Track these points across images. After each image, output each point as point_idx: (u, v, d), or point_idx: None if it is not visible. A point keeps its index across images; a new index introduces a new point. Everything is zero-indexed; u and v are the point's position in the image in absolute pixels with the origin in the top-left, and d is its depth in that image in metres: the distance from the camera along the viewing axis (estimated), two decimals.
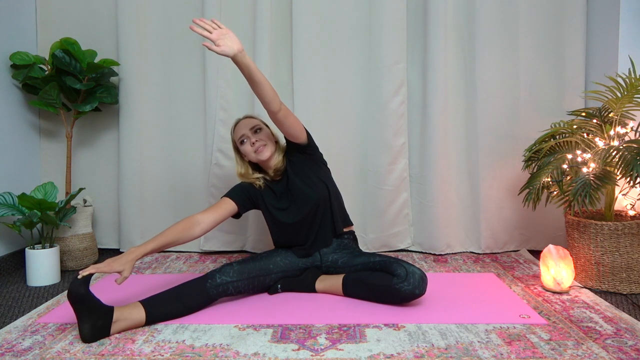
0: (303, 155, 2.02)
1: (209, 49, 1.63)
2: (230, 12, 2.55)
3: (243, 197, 2.02)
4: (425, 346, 1.46)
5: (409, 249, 2.67)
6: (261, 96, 1.77)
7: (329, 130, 2.56)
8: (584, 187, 1.87)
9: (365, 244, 2.61)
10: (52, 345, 1.51)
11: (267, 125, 2.06)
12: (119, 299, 1.83)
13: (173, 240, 1.78)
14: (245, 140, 2.00)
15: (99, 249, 2.69)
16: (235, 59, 1.68)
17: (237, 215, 2.03)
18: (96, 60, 2.52)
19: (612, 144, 2.02)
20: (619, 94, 1.99)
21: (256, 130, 2.01)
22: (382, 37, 2.50)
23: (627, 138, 2.06)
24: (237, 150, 2.07)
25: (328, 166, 2.13)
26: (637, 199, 2.12)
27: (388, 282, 1.75)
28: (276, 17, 2.55)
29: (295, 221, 1.98)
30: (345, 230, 2.08)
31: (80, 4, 2.65)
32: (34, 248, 2.21)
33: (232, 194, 2.02)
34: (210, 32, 1.65)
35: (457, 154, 2.59)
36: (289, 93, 2.58)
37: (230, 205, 1.97)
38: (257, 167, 2.09)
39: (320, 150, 2.11)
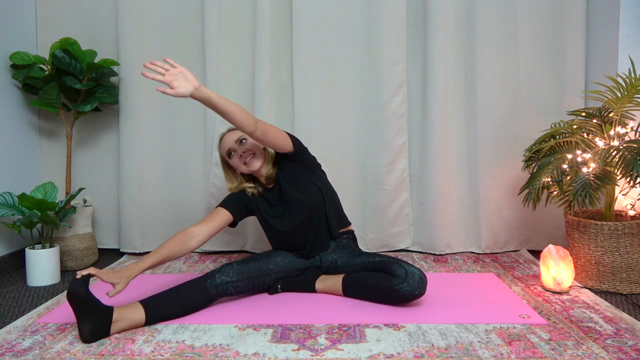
0: (293, 163, 2.00)
1: (164, 93, 1.57)
2: (230, 12, 2.55)
3: (238, 205, 2.01)
4: (425, 346, 1.46)
5: (409, 249, 2.66)
6: (233, 122, 1.73)
7: (329, 130, 2.56)
8: (584, 187, 1.87)
9: (365, 244, 2.61)
10: (52, 345, 1.51)
11: None
12: (118, 299, 1.82)
13: (170, 255, 1.78)
14: (233, 154, 1.98)
15: (99, 249, 2.69)
16: (193, 97, 1.62)
17: (232, 224, 2.03)
18: (96, 60, 2.52)
19: (612, 144, 2.01)
20: (619, 94, 1.99)
21: (241, 141, 1.98)
22: (382, 37, 2.50)
23: (627, 138, 2.06)
24: (225, 164, 2.06)
25: (324, 168, 2.12)
26: (637, 199, 2.12)
27: (388, 282, 1.75)
28: (276, 17, 2.55)
29: (290, 229, 1.97)
30: (342, 230, 2.08)
31: (80, 4, 2.65)
32: (34, 248, 2.21)
33: (227, 203, 2.00)
34: (163, 75, 1.58)
35: (457, 154, 2.59)
36: (289, 93, 2.58)
37: (225, 215, 1.96)
38: (249, 176, 2.08)
39: (320, 150, 2.10)
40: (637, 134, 2.07)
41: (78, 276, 1.50)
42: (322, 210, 2.01)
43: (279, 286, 1.96)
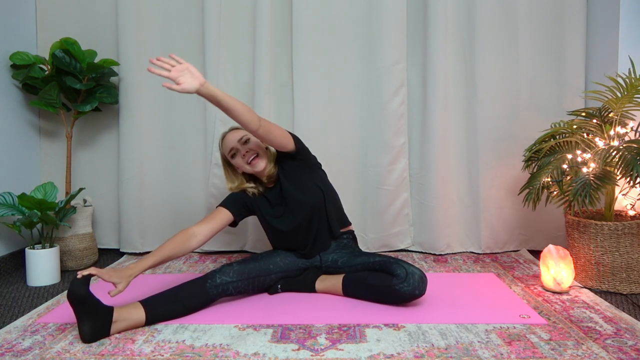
0: (295, 162, 1.99)
1: (170, 89, 1.57)
2: (230, 12, 2.55)
3: (238, 205, 2.01)
4: (425, 346, 1.46)
5: (409, 249, 2.66)
6: (237, 120, 1.72)
7: (329, 130, 2.56)
8: (584, 187, 1.87)
9: (365, 244, 2.61)
10: (52, 345, 1.51)
11: None
12: (119, 299, 1.83)
13: (170, 255, 1.78)
14: (236, 154, 1.98)
15: (99, 249, 2.69)
16: (199, 93, 1.62)
17: (233, 224, 2.03)
18: (96, 60, 2.52)
19: (612, 144, 2.02)
20: (619, 94, 1.99)
21: (245, 141, 1.97)
22: (382, 37, 2.50)
23: (627, 138, 2.06)
24: (226, 163, 2.05)
25: (324, 168, 2.11)
26: (637, 199, 2.12)
27: (388, 282, 1.75)
28: (276, 17, 2.55)
29: (291, 228, 1.97)
30: (343, 230, 2.08)
31: (80, 4, 2.65)
32: (34, 248, 2.21)
33: (227, 202, 2.00)
34: (169, 71, 1.59)
35: (457, 153, 2.59)
36: (289, 93, 2.58)
37: (225, 215, 1.96)
38: (249, 176, 2.07)
39: (320, 150, 2.10)
40: (637, 134, 2.07)
41: (79, 276, 1.51)
42: (323, 211, 2.00)
43: (279, 286, 1.96)
